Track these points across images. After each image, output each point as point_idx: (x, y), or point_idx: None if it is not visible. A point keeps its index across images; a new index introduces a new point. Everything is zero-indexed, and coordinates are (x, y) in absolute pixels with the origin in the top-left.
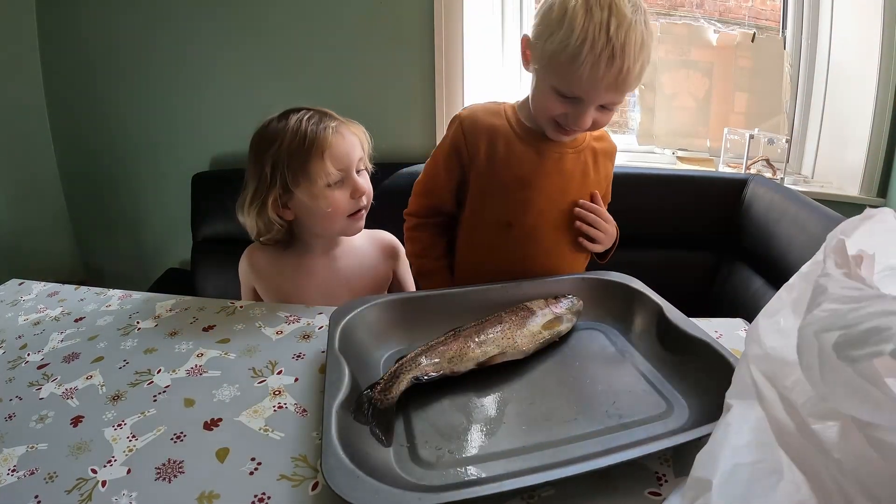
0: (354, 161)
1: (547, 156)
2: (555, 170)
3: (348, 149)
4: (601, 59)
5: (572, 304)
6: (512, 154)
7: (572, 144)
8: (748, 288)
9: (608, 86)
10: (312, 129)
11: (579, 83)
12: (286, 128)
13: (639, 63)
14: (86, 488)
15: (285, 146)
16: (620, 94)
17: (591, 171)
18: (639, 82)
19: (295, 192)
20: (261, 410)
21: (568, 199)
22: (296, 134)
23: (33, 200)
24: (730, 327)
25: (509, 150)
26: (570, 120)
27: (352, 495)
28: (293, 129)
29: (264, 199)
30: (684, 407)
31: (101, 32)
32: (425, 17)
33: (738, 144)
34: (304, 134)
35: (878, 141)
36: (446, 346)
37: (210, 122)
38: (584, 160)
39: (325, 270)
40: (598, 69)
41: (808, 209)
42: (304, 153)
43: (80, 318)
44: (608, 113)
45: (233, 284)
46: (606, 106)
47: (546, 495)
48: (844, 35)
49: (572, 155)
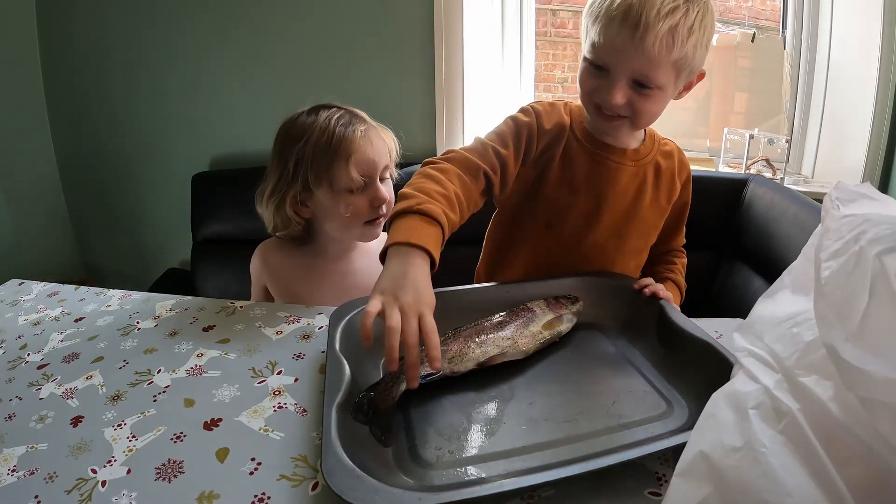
0: (379, 168)
1: (602, 163)
2: (606, 179)
3: (375, 155)
4: (617, 14)
5: (573, 305)
6: (566, 154)
7: (633, 156)
8: (748, 288)
9: (625, 46)
10: (340, 131)
11: (600, 46)
12: (314, 124)
13: (664, 24)
14: (86, 488)
15: (311, 144)
16: (647, 63)
17: (648, 189)
18: (672, 53)
19: (315, 192)
20: (261, 410)
21: (616, 212)
22: (323, 133)
23: (33, 200)
24: (730, 327)
25: (566, 149)
26: (601, 97)
27: (352, 495)
28: (321, 128)
29: (284, 195)
30: (684, 407)
31: (100, 33)
32: (425, 17)
33: (738, 144)
34: (332, 134)
35: (878, 141)
36: (446, 347)
37: (210, 122)
38: (644, 175)
39: (339, 275)
40: (614, 25)
41: (808, 209)
42: (330, 154)
43: (80, 318)
44: (647, 97)
45: (233, 284)
46: (642, 82)
47: (546, 495)
48: (844, 35)
49: (631, 168)
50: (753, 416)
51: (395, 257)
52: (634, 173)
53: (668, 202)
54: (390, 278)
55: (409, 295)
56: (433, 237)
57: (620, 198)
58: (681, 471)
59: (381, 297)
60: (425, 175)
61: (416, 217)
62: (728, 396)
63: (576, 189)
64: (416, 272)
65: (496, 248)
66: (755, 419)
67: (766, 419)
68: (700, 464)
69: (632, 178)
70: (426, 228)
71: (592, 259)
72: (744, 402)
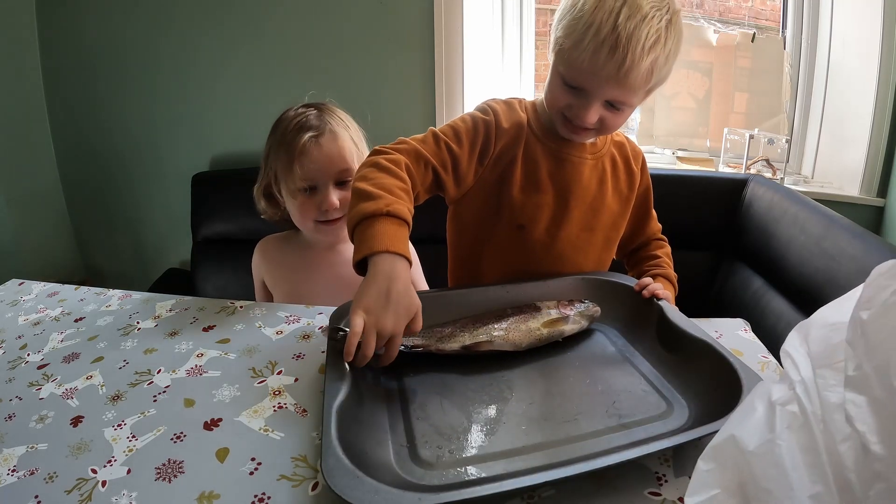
0: (331, 173)
1: (564, 159)
2: (570, 175)
3: (323, 162)
4: (603, 47)
5: (586, 308)
6: (528, 154)
7: (591, 150)
8: (748, 288)
9: (609, 78)
10: (292, 134)
11: (580, 71)
12: (286, 120)
13: (647, 59)
14: (86, 488)
15: (276, 139)
16: (626, 91)
17: (609, 180)
18: (650, 82)
19: (279, 187)
20: (261, 410)
21: (583, 206)
22: (284, 132)
23: (34, 201)
24: (730, 327)
25: (527, 149)
26: (574, 113)
27: (352, 495)
28: (284, 127)
29: (264, 183)
30: (684, 407)
31: (100, 33)
32: (425, 17)
33: (738, 144)
34: (286, 135)
35: (878, 141)
36: (442, 328)
37: (210, 122)
38: (602, 168)
39: (328, 267)
40: (599, 57)
41: (808, 209)
42: (283, 153)
43: (80, 318)
44: (618, 114)
45: (233, 284)
46: (615, 104)
47: (546, 495)
48: (844, 35)
49: (590, 161)
50: (780, 412)
51: (377, 268)
52: (594, 166)
53: (630, 189)
54: (375, 294)
55: (391, 319)
56: (405, 239)
57: (585, 192)
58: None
59: (364, 318)
60: (379, 167)
61: (387, 221)
62: (766, 388)
63: (542, 188)
64: (400, 285)
65: (465, 255)
66: (780, 414)
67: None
68: (728, 447)
69: (592, 170)
70: (399, 232)
71: (566, 256)
72: (775, 395)
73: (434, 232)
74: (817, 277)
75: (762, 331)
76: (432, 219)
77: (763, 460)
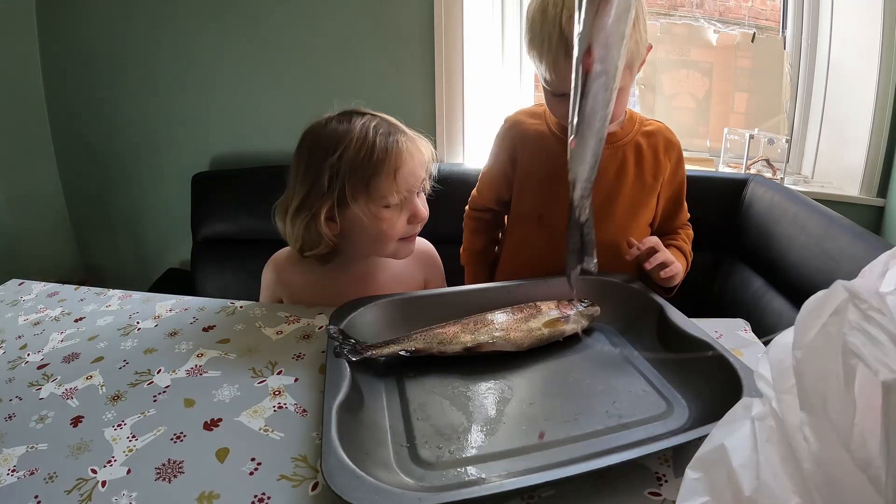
0: (420, 183)
1: None
2: None
3: (417, 169)
4: (559, 54)
5: (586, 308)
6: (545, 150)
7: (610, 140)
8: (748, 288)
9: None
10: (382, 141)
11: (554, 81)
12: (349, 134)
13: None
14: (86, 488)
15: (349, 155)
16: None
17: (630, 169)
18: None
19: (350, 207)
20: (261, 410)
21: (598, 193)
22: (363, 144)
23: (33, 200)
24: (730, 327)
25: (544, 146)
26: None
27: (352, 495)
28: (359, 138)
29: (316, 211)
30: (684, 407)
31: (100, 32)
32: (425, 17)
33: (738, 144)
34: (373, 146)
35: (878, 141)
36: (442, 330)
37: (210, 122)
38: (623, 157)
39: (361, 292)
40: (560, 65)
41: (808, 209)
42: (372, 168)
43: (80, 319)
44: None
45: (233, 284)
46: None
47: (546, 495)
48: (844, 35)
49: (607, 150)
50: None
51: None
52: (611, 155)
53: (655, 179)
54: None
55: None
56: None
57: (600, 179)
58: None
59: None
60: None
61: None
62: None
63: (555, 178)
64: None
65: (503, 251)
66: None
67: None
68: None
69: (609, 160)
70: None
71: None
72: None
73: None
74: (817, 277)
75: (762, 331)
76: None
77: (747, 471)
